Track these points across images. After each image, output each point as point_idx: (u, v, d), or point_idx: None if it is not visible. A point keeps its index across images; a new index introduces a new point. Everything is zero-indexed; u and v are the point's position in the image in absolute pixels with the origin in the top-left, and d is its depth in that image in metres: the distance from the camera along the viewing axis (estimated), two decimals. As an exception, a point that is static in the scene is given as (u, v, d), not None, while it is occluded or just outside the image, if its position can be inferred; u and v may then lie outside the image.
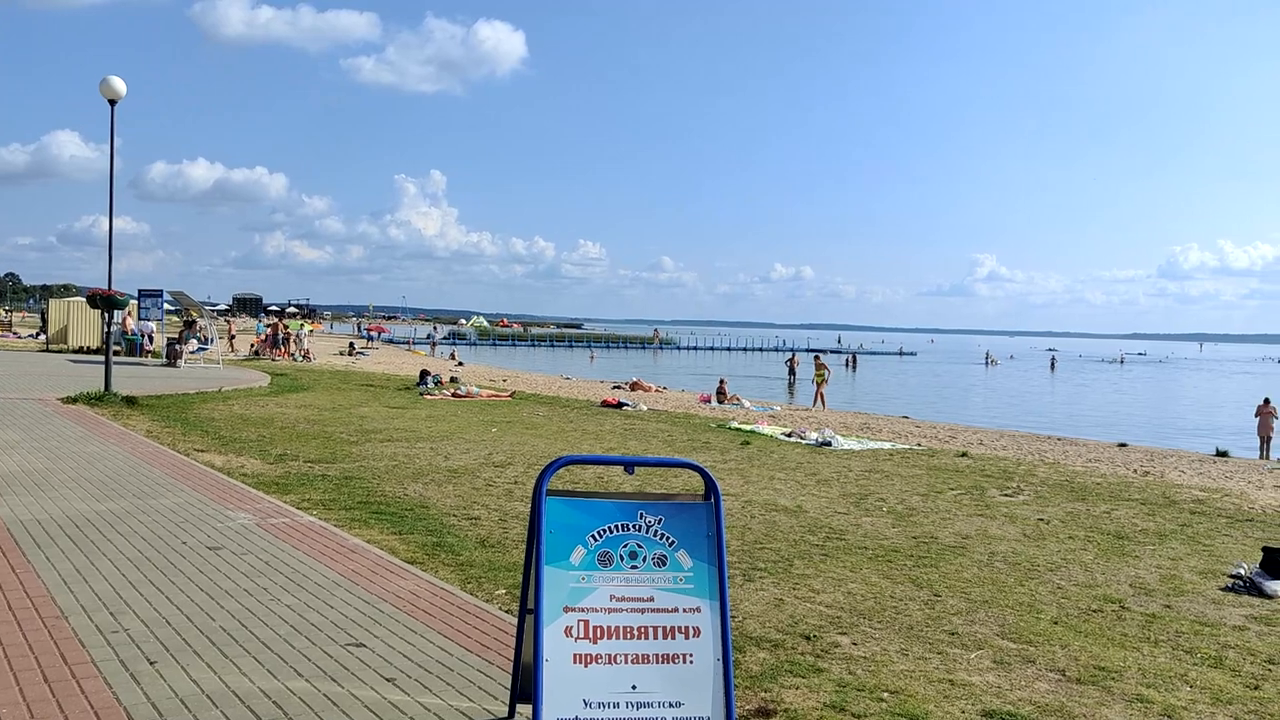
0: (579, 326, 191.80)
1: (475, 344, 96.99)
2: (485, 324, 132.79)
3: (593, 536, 3.60)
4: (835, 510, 10.24)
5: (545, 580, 3.51)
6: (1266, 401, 25.73)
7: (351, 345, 58.73)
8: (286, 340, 41.25)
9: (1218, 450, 21.29)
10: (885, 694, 4.97)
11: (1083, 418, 35.44)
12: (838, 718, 4.64)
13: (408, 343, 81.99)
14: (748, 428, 18.84)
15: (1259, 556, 7.87)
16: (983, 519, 10.06)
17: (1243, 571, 7.64)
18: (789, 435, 17.53)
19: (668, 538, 3.65)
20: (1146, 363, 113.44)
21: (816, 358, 33.40)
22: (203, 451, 12.67)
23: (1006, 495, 11.67)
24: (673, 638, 3.54)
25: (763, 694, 4.90)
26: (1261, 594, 7.29)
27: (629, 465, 3.92)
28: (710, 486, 3.73)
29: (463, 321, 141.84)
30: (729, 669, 3.53)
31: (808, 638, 5.85)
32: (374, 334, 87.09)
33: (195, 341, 32.93)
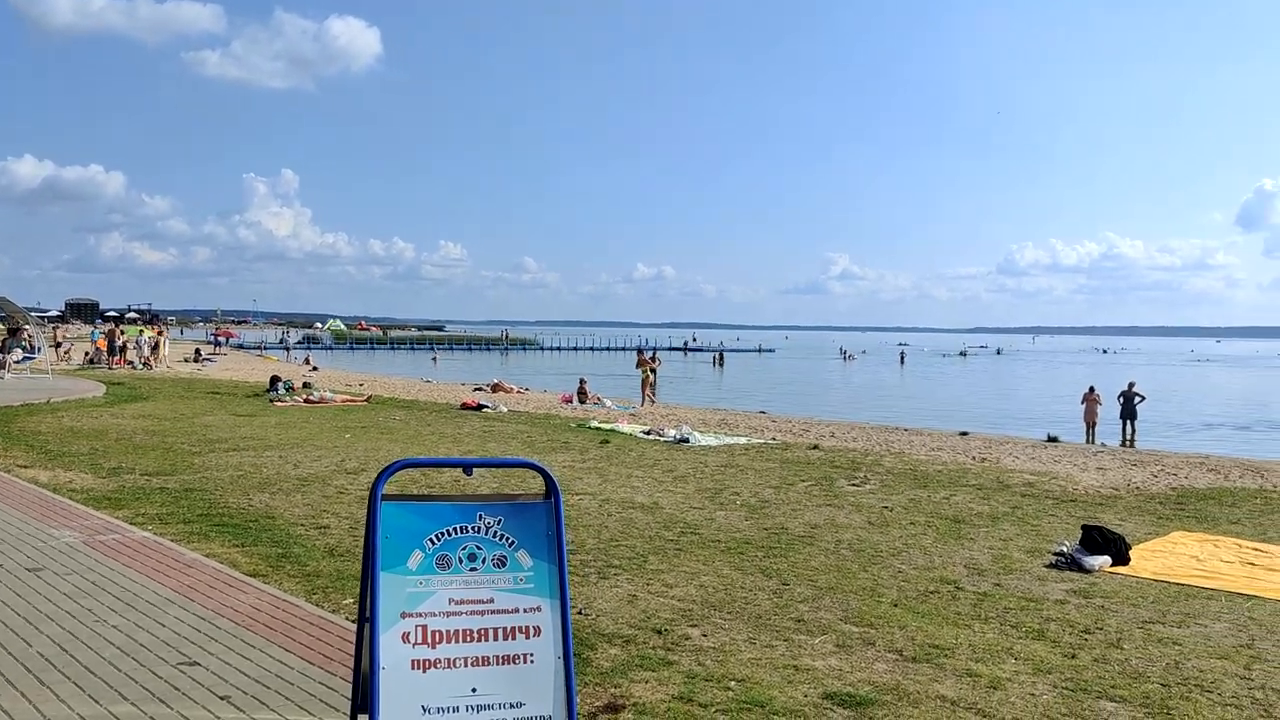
0: (441, 329, 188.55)
1: (332, 348, 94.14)
2: (342, 327, 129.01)
3: (430, 540, 3.54)
4: (691, 505, 10.40)
5: (381, 586, 3.43)
6: (1091, 389, 27.52)
7: (198, 351, 56.02)
8: (125, 348, 39.04)
9: (1049, 436, 22.64)
10: (732, 683, 5.08)
11: (928, 408, 37.11)
12: (685, 709, 4.72)
13: (259, 348, 78.90)
14: (608, 426, 18.93)
15: (1079, 534, 8.40)
16: (831, 509, 10.40)
17: (1065, 549, 8.14)
18: (648, 433, 17.71)
19: (507, 538, 3.62)
20: (987, 355, 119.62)
21: (639, 353, 33.41)
22: (26, 467, 11.87)
23: (854, 485, 12.10)
24: (513, 638, 3.52)
25: (612, 690, 4.93)
26: (1081, 569, 7.79)
27: (467, 467, 3.88)
28: (550, 485, 3.73)
29: (318, 325, 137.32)
30: (570, 667, 3.53)
31: (659, 632, 5.92)
32: (222, 339, 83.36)
33: (20, 350, 30.78)
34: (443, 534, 3.56)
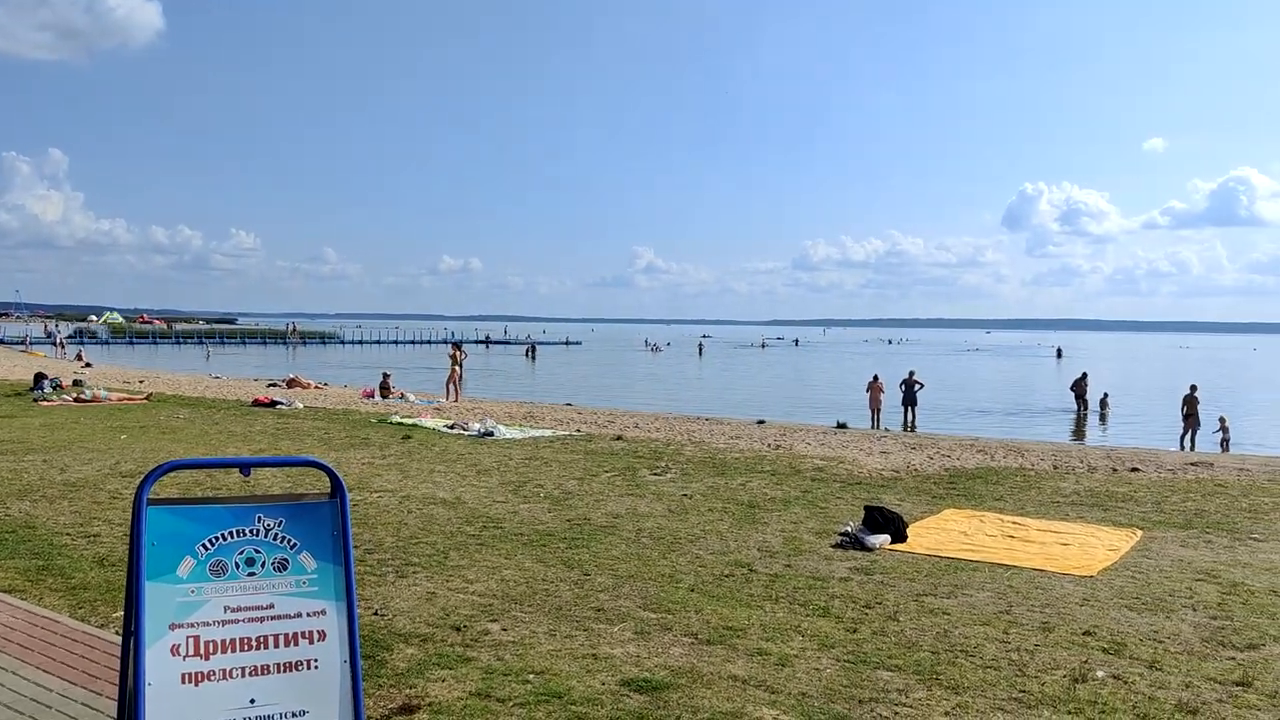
0: (233, 321, 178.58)
1: (109, 342, 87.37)
2: (121, 320, 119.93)
3: (203, 546, 3.33)
4: (494, 499, 10.31)
5: (147, 597, 3.20)
6: (876, 378, 29.21)
7: (-52, 347, 50.62)
8: None
9: (838, 423, 23.86)
10: (531, 675, 5.07)
11: (729, 398, 38.35)
12: (483, 705, 4.67)
13: (23, 342, 72.19)
14: (410, 421, 18.50)
15: (862, 515, 8.90)
16: (633, 498, 10.56)
17: (849, 529, 8.61)
18: (452, 427, 17.43)
19: (289, 540, 3.46)
20: (784, 347, 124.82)
21: (454, 346, 32.38)
22: None
23: (656, 474, 12.35)
24: (296, 644, 3.37)
25: (408, 690, 4.82)
26: (863, 547, 8.26)
27: (244, 467, 3.68)
28: (336, 484, 3.59)
29: (93, 318, 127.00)
30: (357, 670, 3.42)
31: (458, 628, 5.84)
32: (-22, 334, 75.66)
33: None
34: (217, 539, 3.36)
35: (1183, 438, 24.72)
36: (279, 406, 21.46)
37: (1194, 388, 25.65)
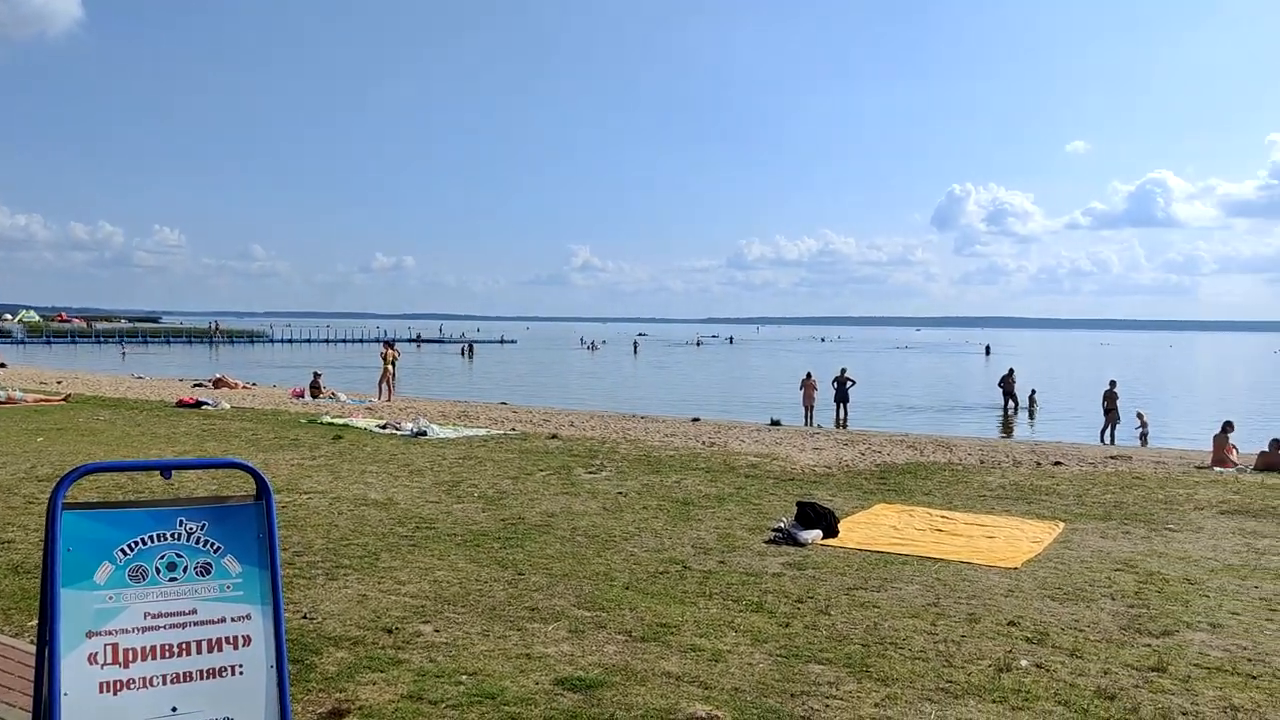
0: (157, 320, 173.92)
1: (24, 342, 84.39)
2: (38, 319, 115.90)
3: (122, 551, 3.24)
4: (427, 500, 10.21)
5: (62, 605, 3.10)
6: (809, 375, 29.57)
7: None
8: None
9: (772, 420, 24.13)
10: (464, 676, 5.03)
11: (664, 397, 38.49)
12: (414, 707, 4.62)
13: (-69, 343, 69.43)
14: (340, 421, 18.21)
15: (795, 511, 9.00)
16: (568, 497, 10.54)
17: (782, 525, 8.70)
18: (384, 427, 17.20)
19: (213, 544, 3.38)
20: (719, 345, 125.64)
21: (386, 344, 31.60)
22: None
23: (591, 473, 12.34)
24: (219, 650, 3.29)
25: (337, 695, 4.75)
26: (796, 543, 8.36)
27: (165, 469, 3.58)
28: (261, 485, 3.52)
29: (8, 317, 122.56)
30: (284, 675, 3.35)
31: (389, 630, 5.77)
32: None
33: None
34: (137, 543, 3.27)
35: (1103, 432, 25.48)
36: (205, 407, 20.96)
37: (1114, 383, 26.45)
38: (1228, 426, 16.78)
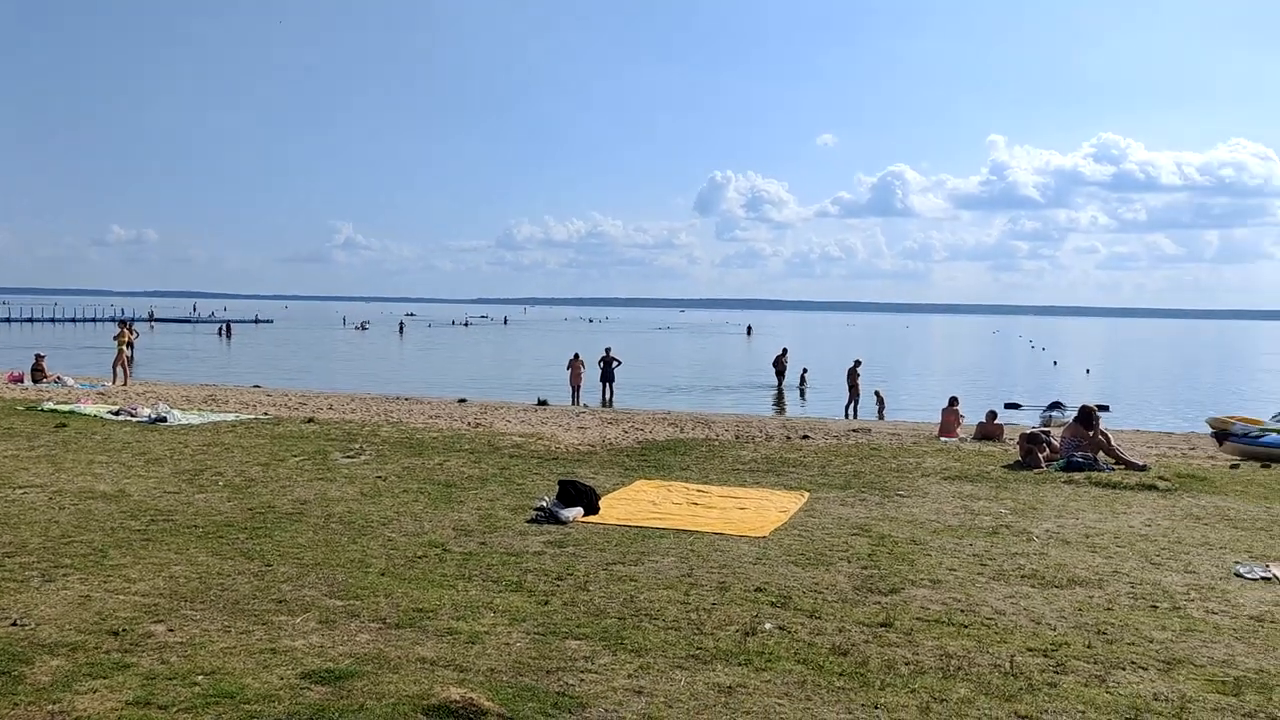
0: None
1: None
2: None
3: None
4: (165, 490, 9.50)
5: None
6: (576, 356, 29.90)
7: None
8: None
9: (539, 400, 24.20)
10: (200, 677, 4.71)
11: (430, 378, 37.71)
12: (141, 714, 4.28)
13: None
14: (66, 408, 16.61)
15: (557, 489, 9.07)
16: (323, 483, 10.12)
17: (544, 504, 8.74)
18: (117, 414, 15.83)
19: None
20: (488, 325, 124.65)
21: (121, 324, 28.87)
22: None
23: (349, 457, 11.90)
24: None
25: (50, 706, 4.32)
26: (558, 521, 8.42)
27: None
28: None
29: None
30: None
31: (115, 633, 5.31)
32: None
33: None
34: None
35: (846, 407, 27.35)
36: (-102, 394, 18.51)
37: (857, 362, 28.41)
38: (953, 401, 18.48)
